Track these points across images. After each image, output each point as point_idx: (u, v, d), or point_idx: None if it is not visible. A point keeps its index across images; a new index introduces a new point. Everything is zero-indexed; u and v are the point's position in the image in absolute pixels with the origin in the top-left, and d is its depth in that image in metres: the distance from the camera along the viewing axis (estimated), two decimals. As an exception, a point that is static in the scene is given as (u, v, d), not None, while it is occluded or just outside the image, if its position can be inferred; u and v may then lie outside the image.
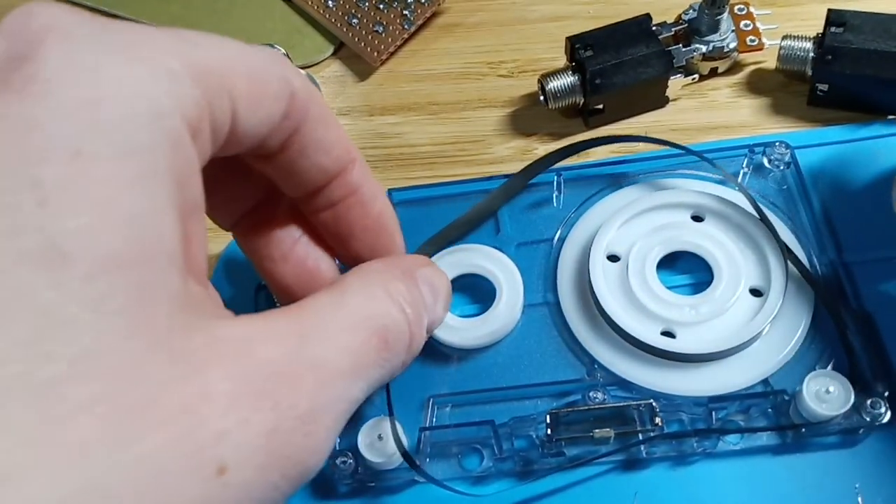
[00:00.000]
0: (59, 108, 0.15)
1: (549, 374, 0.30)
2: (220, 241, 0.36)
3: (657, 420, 0.28)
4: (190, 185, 0.16)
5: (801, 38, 0.37)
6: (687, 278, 0.32)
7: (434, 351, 0.31)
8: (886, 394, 0.28)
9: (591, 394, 0.29)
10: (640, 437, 0.28)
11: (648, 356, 0.30)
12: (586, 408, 0.28)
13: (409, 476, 0.29)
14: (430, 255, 0.32)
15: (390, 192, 0.34)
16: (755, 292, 0.31)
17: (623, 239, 0.32)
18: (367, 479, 0.28)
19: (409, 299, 0.20)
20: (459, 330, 0.31)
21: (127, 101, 0.15)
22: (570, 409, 0.28)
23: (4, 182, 0.14)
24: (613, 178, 0.34)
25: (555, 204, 0.34)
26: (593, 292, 0.31)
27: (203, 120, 0.17)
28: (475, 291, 0.33)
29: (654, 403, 0.28)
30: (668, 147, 0.33)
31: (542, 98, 0.37)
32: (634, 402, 0.28)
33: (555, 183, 0.34)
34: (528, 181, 0.34)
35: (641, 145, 0.36)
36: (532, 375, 0.30)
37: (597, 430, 0.28)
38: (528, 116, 0.39)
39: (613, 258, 0.32)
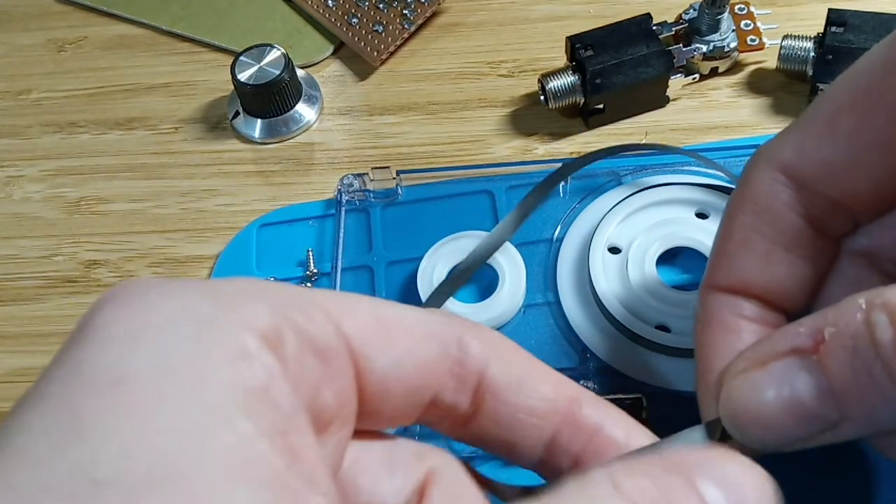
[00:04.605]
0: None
1: (542, 361, 0.30)
2: (221, 240, 0.36)
3: (643, 415, 0.27)
4: (278, 399, 0.14)
5: (802, 37, 0.37)
6: (689, 277, 0.32)
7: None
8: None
9: (580, 382, 0.29)
10: None
11: (642, 348, 0.30)
12: None
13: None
14: (455, 291, 0.31)
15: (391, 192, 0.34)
16: (755, 290, 0.30)
17: (626, 231, 0.32)
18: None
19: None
20: (461, 315, 0.31)
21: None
22: None
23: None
24: (619, 174, 0.34)
25: (561, 195, 0.34)
26: (591, 281, 0.31)
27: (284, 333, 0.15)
28: (478, 279, 0.33)
29: (642, 399, 0.28)
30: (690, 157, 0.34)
31: (542, 98, 0.37)
32: (623, 397, 0.28)
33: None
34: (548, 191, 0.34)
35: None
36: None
37: None
38: (528, 116, 0.39)
39: (615, 250, 0.32)
